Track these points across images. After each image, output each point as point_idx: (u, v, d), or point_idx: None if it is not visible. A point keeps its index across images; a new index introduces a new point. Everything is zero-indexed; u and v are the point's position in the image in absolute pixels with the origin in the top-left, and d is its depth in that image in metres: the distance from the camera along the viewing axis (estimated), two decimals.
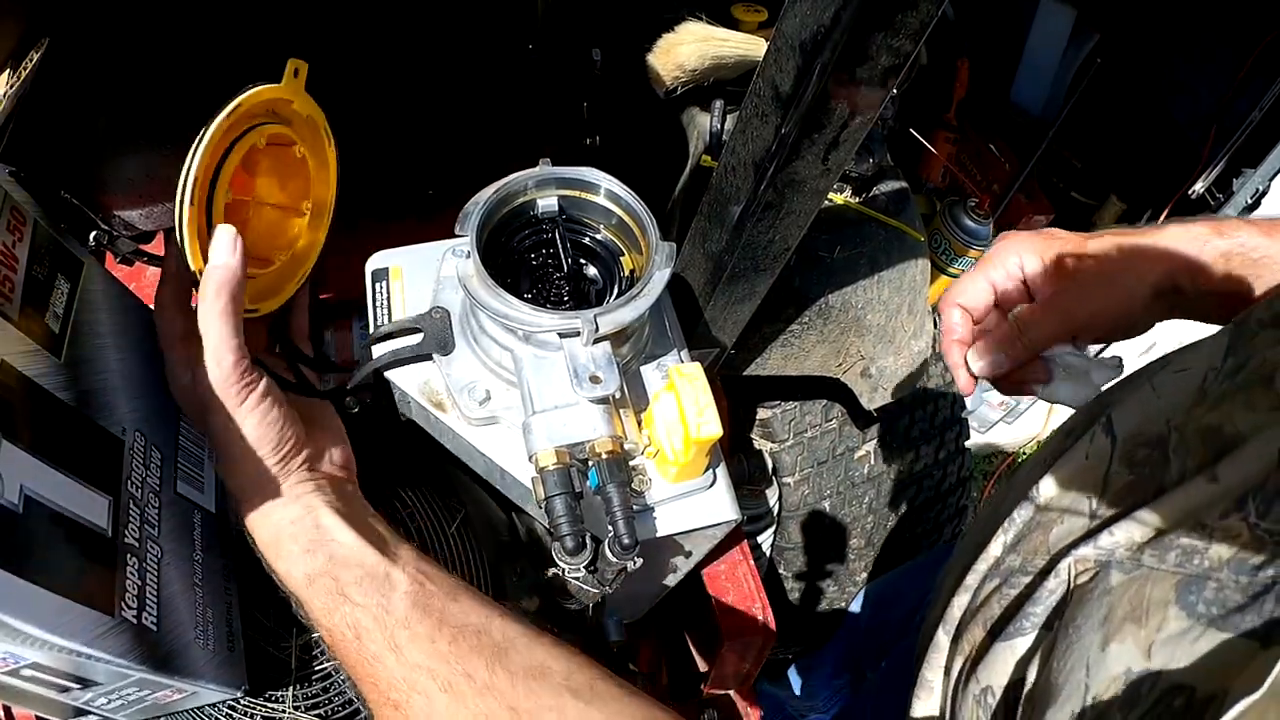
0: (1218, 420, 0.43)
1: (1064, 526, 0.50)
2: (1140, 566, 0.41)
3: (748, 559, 0.85)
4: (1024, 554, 0.52)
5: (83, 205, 0.73)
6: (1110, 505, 0.47)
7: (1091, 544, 0.45)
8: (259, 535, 0.54)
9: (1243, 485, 0.38)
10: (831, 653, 1.12)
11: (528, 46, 0.85)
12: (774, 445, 1.32)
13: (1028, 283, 0.64)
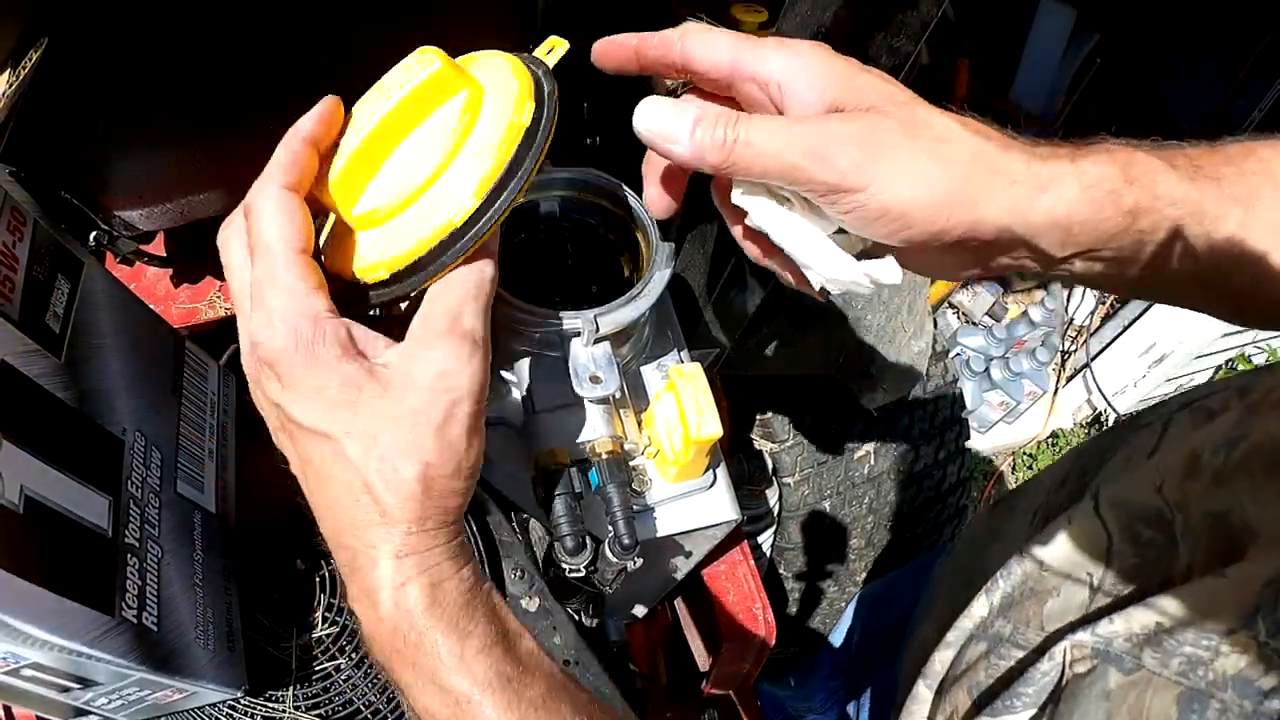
0: (1224, 505, 0.40)
1: (1060, 601, 0.47)
2: (1141, 668, 0.39)
3: (748, 559, 0.85)
4: (1014, 622, 0.50)
5: (83, 205, 0.73)
6: (1112, 586, 0.45)
7: (1090, 630, 0.42)
8: (409, 590, 0.38)
9: (1254, 593, 0.36)
10: (827, 654, 1.12)
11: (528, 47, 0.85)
12: (774, 445, 1.32)
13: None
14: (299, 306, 0.37)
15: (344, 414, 0.37)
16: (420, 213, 0.40)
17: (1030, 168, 0.36)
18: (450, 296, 0.40)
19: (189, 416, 0.66)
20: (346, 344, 0.38)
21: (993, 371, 2.35)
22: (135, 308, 0.64)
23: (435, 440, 0.37)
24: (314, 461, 0.39)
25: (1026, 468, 2.49)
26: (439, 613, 0.37)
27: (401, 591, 0.37)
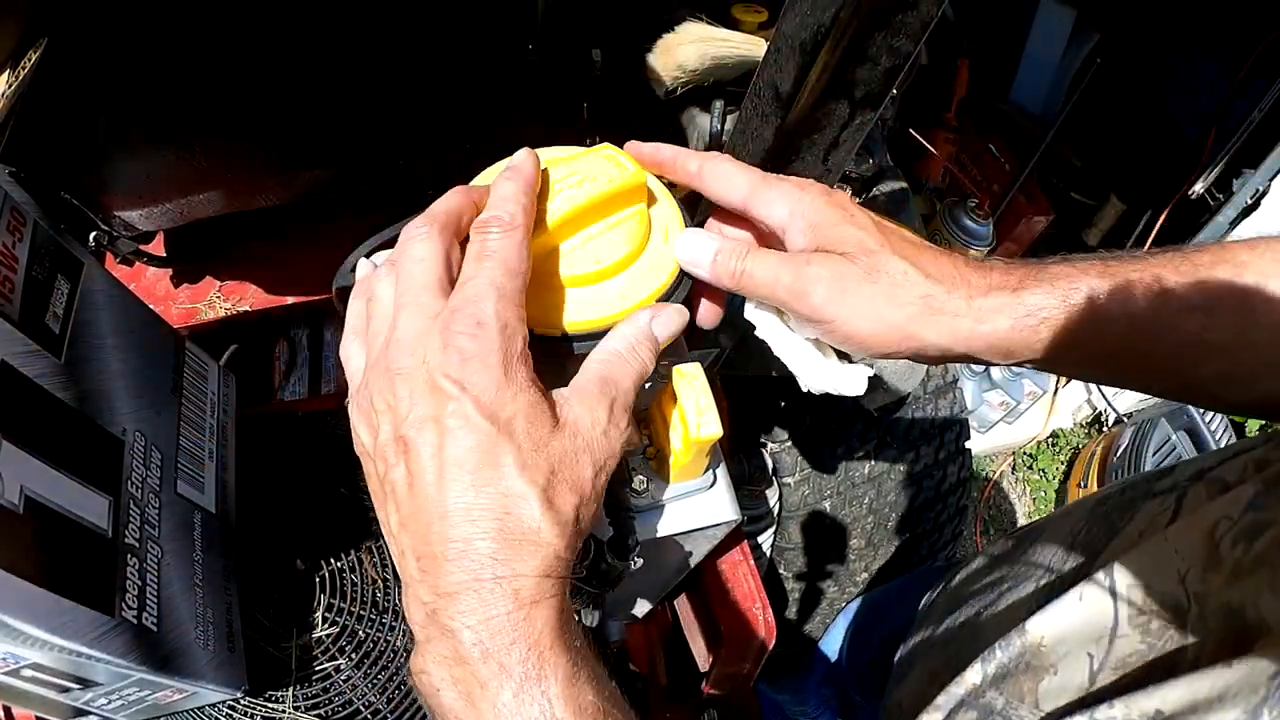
0: (1239, 600, 0.39)
1: (1058, 679, 0.47)
2: None
3: (748, 559, 0.85)
4: (1007, 695, 0.49)
5: (83, 205, 0.73)
6: (1115, 668, 0.44)
7: (1088, 714, 0.42)
8: (541, 611, 0.37)
9: (1263, 684, 0.35)
10: (820, 662, 1.12)
11: (528, 46, 0.85)
12: (774, 445, 1.32)
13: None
14: (516, 325, 0.39)
15: (524, 427, 0.38)
16: (629, 280, 0.49)
17: (972, 304, 0.45)
18: (624, 367, 0.45)
19: (189, 416, 0.66)
20: (536, 377, 0.40)
21: (993, 371, 2.35)
22: (135, 308, 0.64)
23: (591, 484, 0.39)
24: (467, 463, 0.37)
25: (1026, 467, 2.49)
26: (563, 639, 0.37)
27: (536, 608, 0.36)
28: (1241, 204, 1.90)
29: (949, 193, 2.31)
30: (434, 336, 0.38)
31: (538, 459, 0.38)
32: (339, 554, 0.72)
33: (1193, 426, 2.12)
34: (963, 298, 0.45)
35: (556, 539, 0.37)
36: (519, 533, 0.37)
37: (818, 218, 0.47)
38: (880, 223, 0.48)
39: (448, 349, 0.38)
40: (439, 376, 0.38)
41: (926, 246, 0.47)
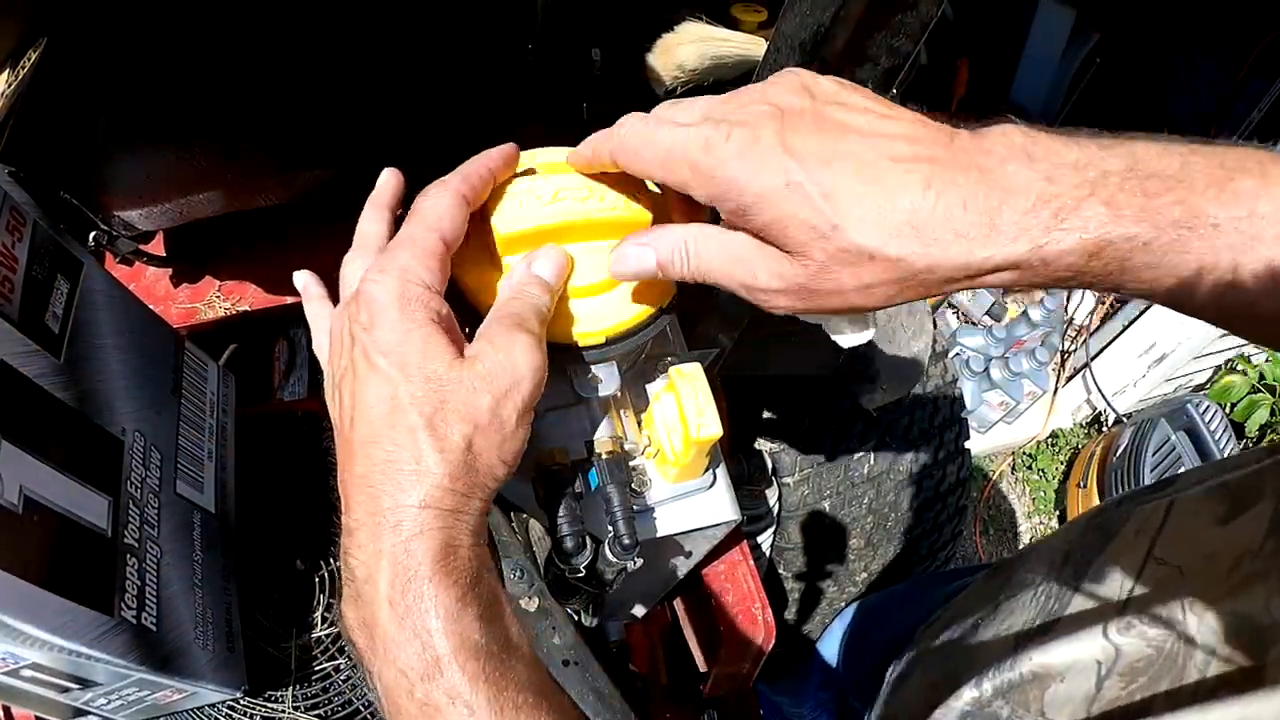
0: (1246, 607, 0.39)
1: (1064, 688, 0.46)
2: None
3: (748, 559, 0.85)
4: (1013, 704, 0.49)
5: (83, 205, 0.73)
6: (1120, 678, 0.43)
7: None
8: (421, 542, 0.37)
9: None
10: (817, 665, 1.12)
11: (528, 46, 0.85)
12: (774, 445, 1.32)
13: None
14: (419, 271, 0.41)
15: (417, 361, 0.39)
16: (629, 292, 0.50)
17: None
18: (519, 304, 0.44)
19: (189, 417, 0.66)
20: (444, 319, 0.41)
21: (992, 371, 2.35)
22: (135, 308, 0.64)
23: (489, 413, 0.40)
24: (368, 400, 0.40)
25: (1026, 467, 2.49)
26: (445, 572, 0.37)
27: (416, 540, 0.37)
28: None
29: None
30: (357, 279, 0.43)
31: (428, 390, 0.39)
32: (339, 554, 0.72)
33: (1192, 426, 2.12)
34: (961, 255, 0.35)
35: (438, 468, 0.38)
36: (405, 464, 0.38)
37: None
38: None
39: (359, 297, 0.41)
40: (353, 324, 0.41)
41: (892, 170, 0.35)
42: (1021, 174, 0.34)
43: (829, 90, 0.38)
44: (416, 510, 0.37)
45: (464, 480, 0.39)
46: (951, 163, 0.34)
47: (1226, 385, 2.31)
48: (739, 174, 0.36)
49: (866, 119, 0.36)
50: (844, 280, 0.36)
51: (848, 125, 0.36)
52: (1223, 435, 2.12)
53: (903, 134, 0.36)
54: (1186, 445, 2.12)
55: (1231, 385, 2.31)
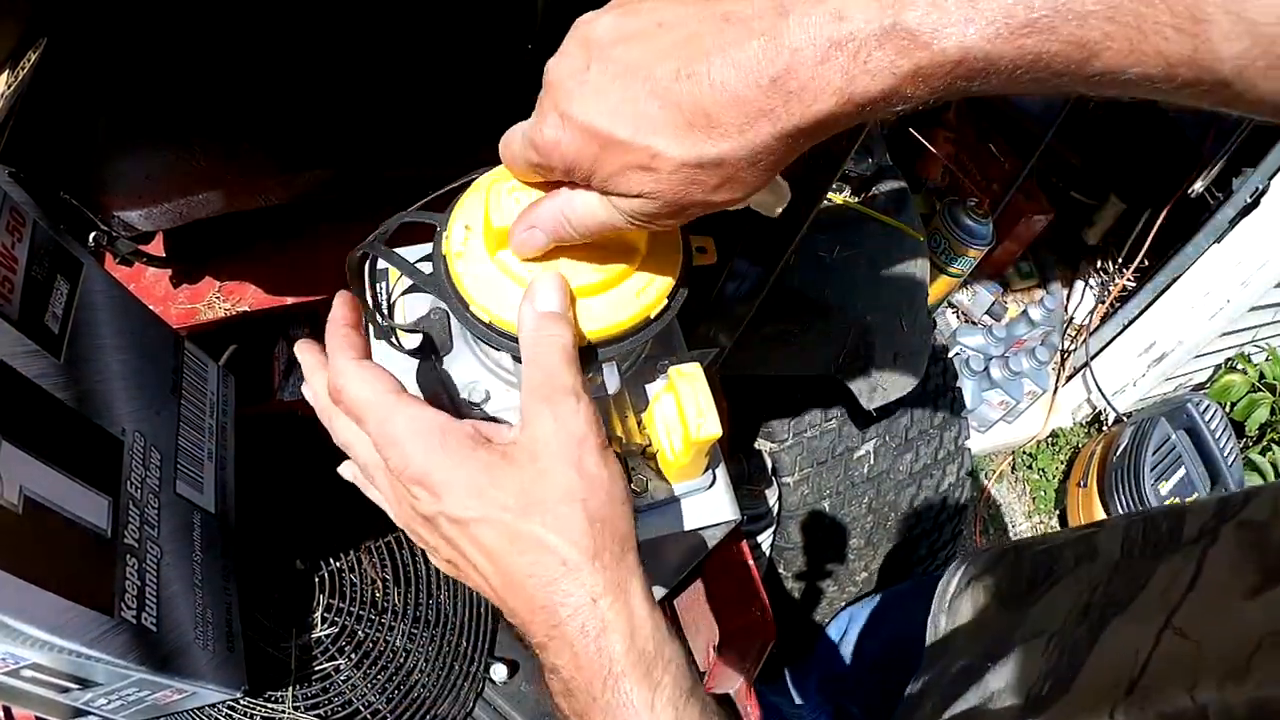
0: (1271, 693, 0.37)
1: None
2: None
3: (748, 559, 0.85)
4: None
5: (82, 205, 0.73)
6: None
7: None
8: (609, 637, 0.38)
9: None
10: (814, 665, 1.12)
11: (528, 46, 0.85)
12: (774, 445, 1.32)
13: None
14: (421, 423, 0.41)
15: (496, 494, 0.39)
16: (631, 288, 0.49)
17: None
18: (545, 363, 0.43)
19: (188, 417, 0.66)
20: (475, 436, 0.41)
21: (992, 371, 2.35)
22: (135, 308, 0.64)
23: (579, 478, 0.40)
24: (489, 548, 0.40)
25: (1026, 467, 2.49)
26: (635, 658, 0.38)
27: (604, 636, 0.38)
28: (1241, 203, 1.90)
29: (949, 192, 2.31)
30: (389, 486, 0.45)
31: (524, 506, 0.39)
32: (339, 554, 0.72)
33: (1193, 426, 2.12)
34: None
35: (584, 556, 0.39)
36: (554, 579, 0.39)
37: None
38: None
39: (401, 486, 0.42)
40: (416, 510, 0.42)
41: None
42: (806, 22, 0.30)
43: (602, 36, 0.36)
44: (591, 608, 0.38)
45: (608, 550, 0.39)
46: (726, 42, 0.32)
47: (1226, 384, 2.31)
48: (540, 147, 0.38)
49: (640, 48, 0.34)
50: (677, 189, 0.36)
51: (623, 64, 0.35)
52: (1223, 434, 2.12)
53: (669, 44, 0.33)
54: (1186, 444, 2.12)
55: (1231, 384, 2.31)
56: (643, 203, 0.37)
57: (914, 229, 1.15)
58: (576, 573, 0.38)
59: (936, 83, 0.29)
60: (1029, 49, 0.28)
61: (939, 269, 2.08)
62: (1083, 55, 0.28)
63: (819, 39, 0.30)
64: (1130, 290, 2.30)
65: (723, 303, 0.80)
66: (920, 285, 1.18)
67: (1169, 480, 2.09)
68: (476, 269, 0.50)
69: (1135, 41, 0.27)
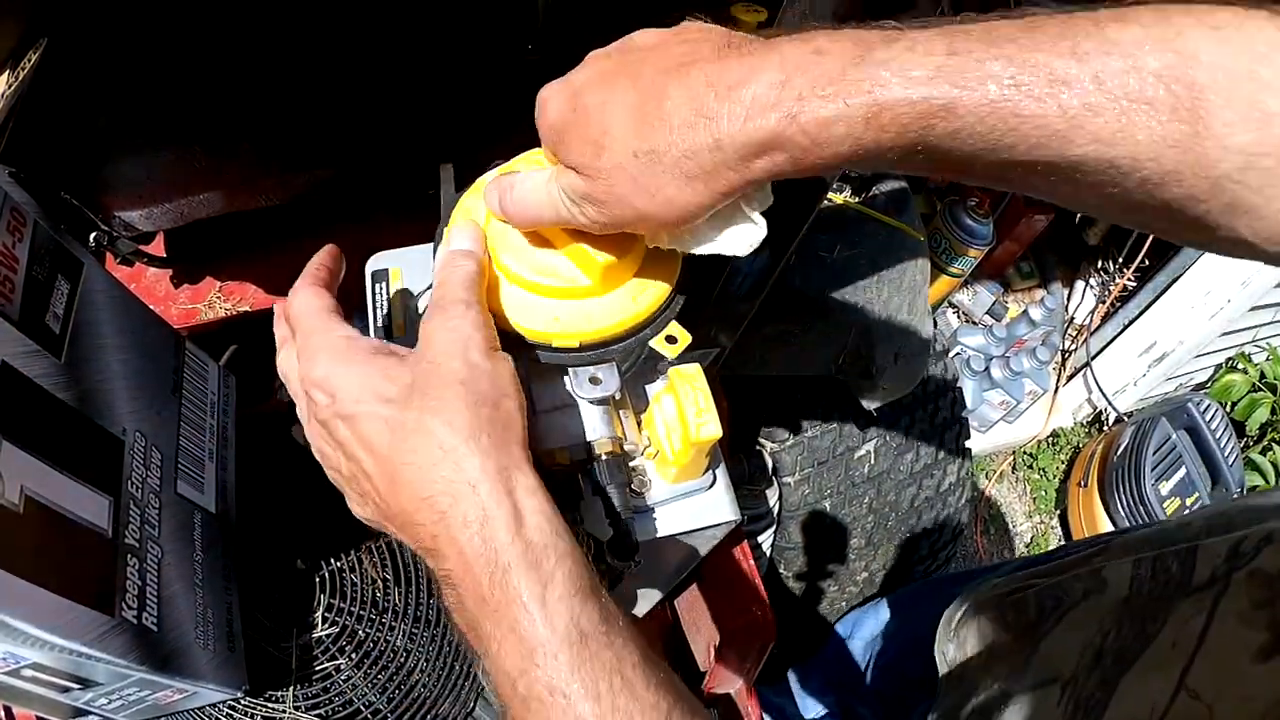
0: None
1: None
2: None
3: (748, 559, 0.85)
4: None
5: (83, 205, 0.73)
6: None
7: None
8: (493, 525, 0.36)
9: None
10: (818, 669, 1.12)
11: (528, 46, 0.85)
12: (774, 445, 1.32)
13: None
14: (334, 335, 0.43)
15: (384, 387, 0.40)
16: (628, 292, 0.50)
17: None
18: (445, 284, 0.45)
19: (189, 417, 0.66)
20: (380, 346, 0.43)
21: (993, 371, 2.35)
22: (135, 308, 0.64)
23: (462, 366, 0.40)
24: (372, 441, 0.40)
25: (1026, 467, 2.49)
26: (519, 549, 0.36)
27: (487, 525, 0.36)
28: None
29: (949, 192, 2.31)
30: (297, 381, 0.46)
31: (411, 400, 0.40)
32: (339, 554, 0.72)
33: (1193, 425, 2.12)
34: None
35: (468, 440, 0.38)
36: (438, 468, 0.39)
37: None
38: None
39: (302, 386, 0.45)
40: (313, 410, 0.44)
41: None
42: (782, 51, 0.33)
43: (584, 87, 0.39)
44: (470, 491, 0.37)
45: (488, 432, 0.38)
46: (707, 57, 0.35)
47: (1227, 384, 2.31)
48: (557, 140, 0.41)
49: (618, 102, 0.37)
50: (629, 194, 0.37)
51: (598, 116, 0.38)
52: (1223, 434, 2.12)
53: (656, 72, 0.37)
54: (1187, 444, 2.12)
55: (1232, 384, 2.31)
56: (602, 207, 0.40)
57: (914, 229, 1.15)
58: (453, 454, 0.37)
59: (883, 135, 0.31)
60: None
61: (939, 269, 2.08)
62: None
63: (787, 65, 0.33)
64: (1131, 290, 2.30)
65: (723, 303, 0.80)
66: (920, 285, 1.18)
67: (1169, 480, 2.09)
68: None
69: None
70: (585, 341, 0.50)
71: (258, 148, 0.81)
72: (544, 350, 0.50)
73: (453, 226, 0.50)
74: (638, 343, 0.51)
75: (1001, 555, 2.32)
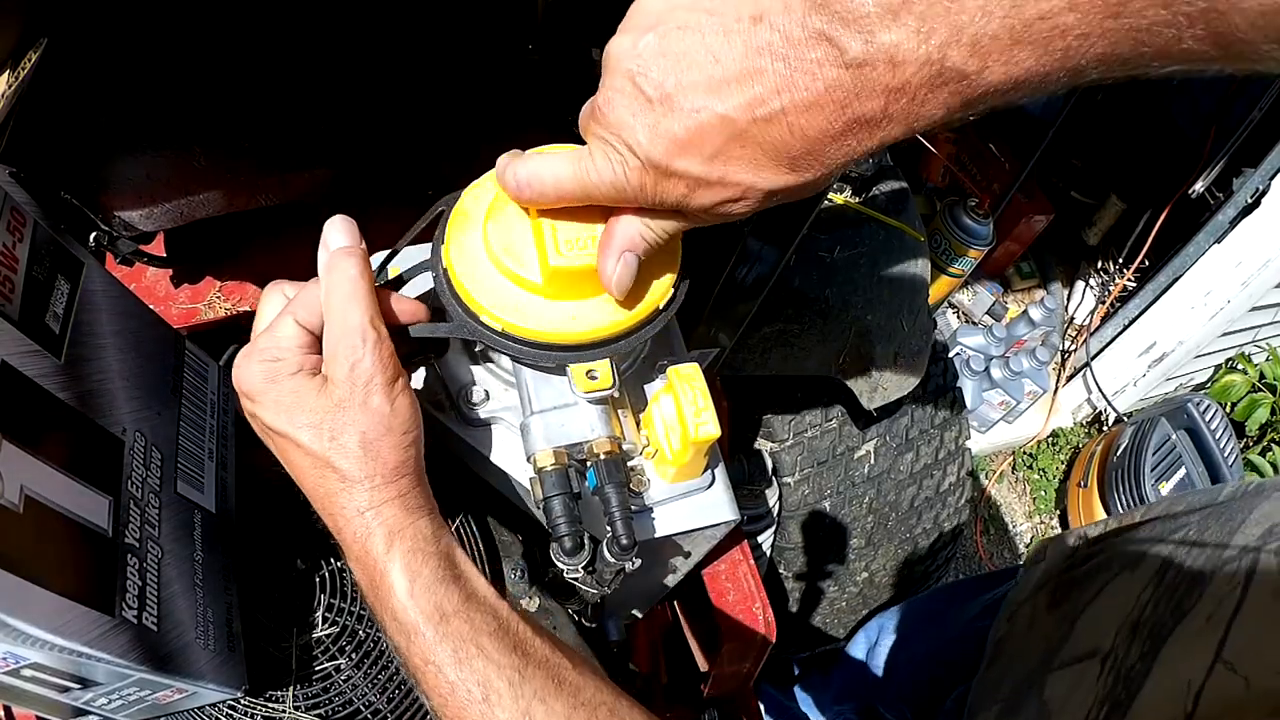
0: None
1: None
2: None
3: (748, 559, 0.85)
4: None
5: (83, 205, 0.73)
6: None
7: None
8: (373, 541, 0.46)
9: None
10: (836, 678, 1.12)
11: (528, 46, 0.85)
12: (774, 445, 1.32)
13: None
14: (267, 351, 0.47)
15: (296, 415, 0.47)
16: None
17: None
18: (335, 303, 0.47)
19: (189, 416, 0.66)
20: (300, 366, 0.47)
21: (993, 371, 2.35)
22: (135, 308, 0.64)
23: (363, 413, 0.46)
24: (289, 457, 0.48)
25: (1026, 467, 2.49)
26: (393, 557, 0.45)
27: (369, 541, 0.46)
28: (1242, 203, 1.90)
29: (949, 192, 2.31)
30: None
31: (316, 430, 0.46)
32: (339, 554, 0.72)
33: (1193, 426, 2.12)
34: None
35: (357, 478, 0.46)
36: (334, 492, 0.47)
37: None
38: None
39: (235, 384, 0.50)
40: (247, 414, 0.50)
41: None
42: (868, 76, 0.32)
43: (651, 70, 0.37)
44: (359, 519, 0.46)
45: (379, 474, 0.46)
46: (792, 84, 0.34)
47: (1226, 384, 2.31)
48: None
49: (700, 87, 0.35)
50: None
51: (689, 106, 0.36)
52: (1223, 434, 2.12)
53: (729, 79, 0.35)
54: (1187, 444, 2.12)
55: (1231, 384, 2.31)
56: (726, 215, 0.40)
57: (914, 229, 1.15)
58: (350, 489, 0.46)
59: (982, 106, 0.32)
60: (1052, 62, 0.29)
61: (939, 269, 2.08)
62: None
63: (878, 88, 0.32)
64: (1130, 290, 2.30)
65: (723, 302, 0.80)
66: (920, 285, 1.18)
67: (1169, 480, 2.09)
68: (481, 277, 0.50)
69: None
70: (609, 336, 0.50)
71: (258, 148, 0.81)
72: (542, 349, 0.50)
73: (327, 224, 0.51)
74: (637, 341, 0.51)
75: (1001, 555, 2.32)
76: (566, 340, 0.50)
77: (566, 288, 0.49)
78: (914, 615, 1.02)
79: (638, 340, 0.51)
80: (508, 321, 0.49)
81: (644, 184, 0.39)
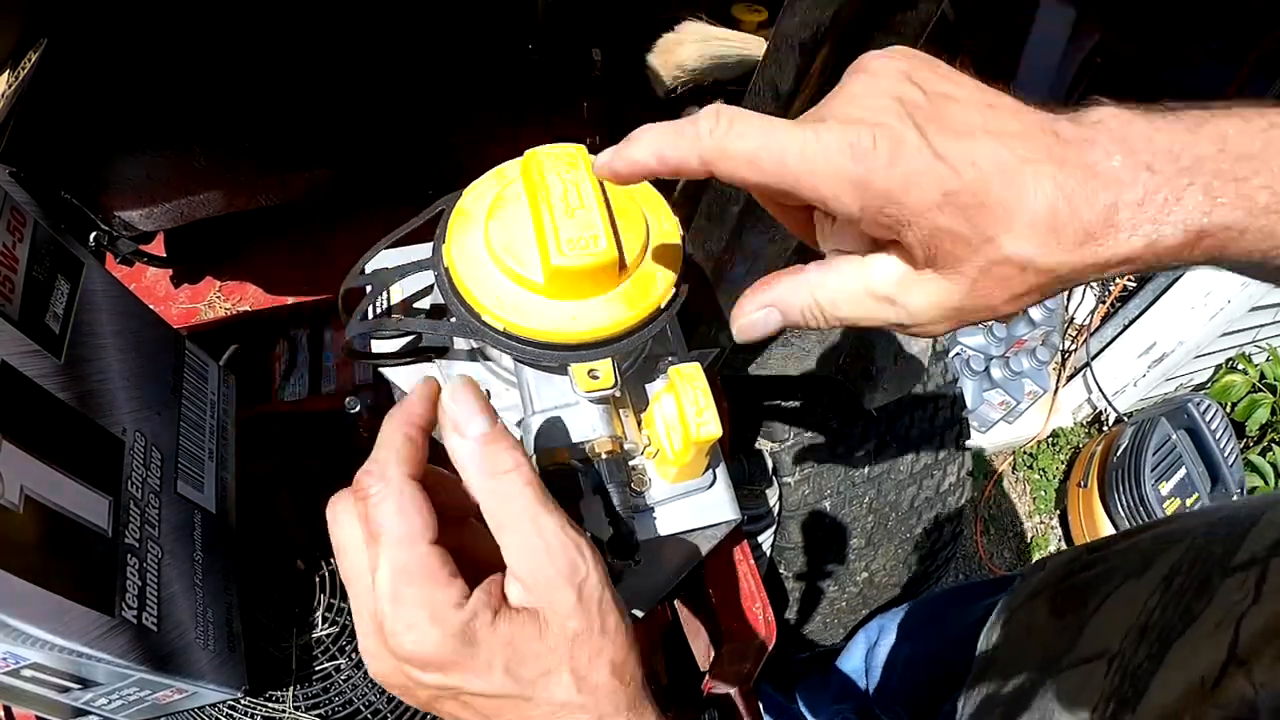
0: None
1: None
2: None
3: (748, 559, 0.85)
4: None
5: (83, 205, 0.73)
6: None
7: None
8: None
9: None
10: (836, 679, 1.11)
11: (528, 46, 0.85)
12: (774, 445, 1.32)
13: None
14: (443, 600, 0.37)
15: (523, 669, 0.38)
16: (628, 292, 0.50)
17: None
18: (520, 521, 0.38)
19: (189, 417, 0.66)
20: (493, 607, 0.38)
21: (993, 371, 2.35)
22: (135, 308, 0.64)
23: (604, 639, 0.38)
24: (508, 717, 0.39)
25: (1026, 467, 2.49)
26: None
27: None
28: None
29: None
30: (373, 624, 0.38)
31: (556, 678, 0.38)
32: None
33: (1193, 426, 2.12)
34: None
35: (618, 713, 0.38)
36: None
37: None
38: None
39: (397, 653, 0.38)
40: (411, 680, 0.38)
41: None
42: (1127, 167, 0.33)
43: (931, 78, 0.35)
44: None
45: (636, 699, 0.39)
46: (1066, 160, 0.33)
47: (1227, 384, 2.31)
48: (893, 185, 0.33)
49: (983, 116, 0.34)
50: (995, 294, 0.34)
51: (973, 124, 0.34)
52: (1223, 434, 2.12)
53: (1017, 132, 0.34)
54: (1187, 444, 2.12)
55: (1232, 385, 2.31)
56: (949, 294, 0.36)
57: None
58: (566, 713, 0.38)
59: (1195, 253, 0.33)
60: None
61: None
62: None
63: (1137, 185, 0.33)
64: (1131, 290, 2.30)
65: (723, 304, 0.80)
66: None
67: (1169, 480, 2.09)
68: (483, 276, 0.50)
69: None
70: (610, 336, 0.50)
71: (258, 148, 0.81)
72: (543, 348, 0.50)
73: (446, 397, 0.39)
74: (638, 340, 0.51)
75: (1001, 555, 2.32)
76: (568, 340, 0.50)
77: (568, 287, 0.49)
78: (914, 616, 1.02)
79: (639, 340, 0.51)
80: (509, 321, 0.49)
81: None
